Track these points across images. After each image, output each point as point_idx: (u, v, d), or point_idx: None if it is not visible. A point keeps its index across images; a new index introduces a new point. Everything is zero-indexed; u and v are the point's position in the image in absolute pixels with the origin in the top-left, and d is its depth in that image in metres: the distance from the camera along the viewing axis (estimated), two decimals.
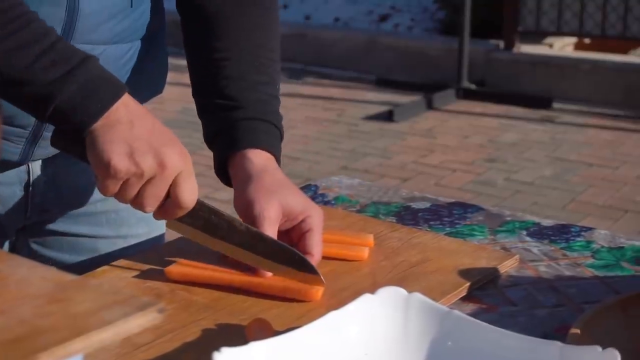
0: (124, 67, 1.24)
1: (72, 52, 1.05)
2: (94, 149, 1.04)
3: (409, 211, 1.41)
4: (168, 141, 1.05)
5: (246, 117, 1.19)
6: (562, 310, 1.09)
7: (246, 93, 1.21)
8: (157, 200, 1.06)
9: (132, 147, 1.02)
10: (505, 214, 1.40)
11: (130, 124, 1.03)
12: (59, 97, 1.02)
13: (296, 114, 5.68)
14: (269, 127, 1.21)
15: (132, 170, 1.03)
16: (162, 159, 1.03)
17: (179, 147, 1.06)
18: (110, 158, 1.02)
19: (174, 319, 1.04)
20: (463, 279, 1.14)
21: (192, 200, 1.08)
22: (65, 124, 1.05)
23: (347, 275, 1.15)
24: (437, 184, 4.41)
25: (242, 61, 1.23)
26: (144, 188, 1.05)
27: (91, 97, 1.03)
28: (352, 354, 0.91)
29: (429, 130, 5.34)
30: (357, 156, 4.85)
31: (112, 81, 1.06)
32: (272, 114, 1.23)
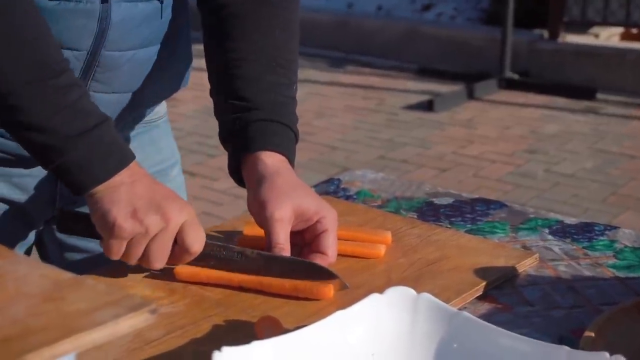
0: (151, 68, 1.25)
1: (92, 111, 1.07)
2: (97, 211, 1.06)
3: (431, 207, 1.39)
4: (169, 196, 1.08)
5: (260, 118, 1.19)
6: (579, 312, 1.07)
7: (261, 94, 1.20)
8: (164, 254, 1.08)
9: (135, 206, 1.05)
10: (528, 212, 1.38)
11: (132, 184, 1.06)
12: (70, 153, 1.05)
13: (335, 103, 5.67)
14: (283, 129, 1.20)
15: (137, 229, 1.05)
16: (165, 213, 1.05)
17: (179, 200, 1.09)
18: (115, 218, 1.05)
19: (185, 314, 1.04)
20: (479, 278, 1.13)
21: (200, 246, 1.09)
22: (67, 180, 1.07)
23: (363, 272, 1.15)
24: (476, 175, 4.37)
25: (259, 62, 1.22)
26: (149, 245, 1.07)
27: (99, 160, 1.06)
28: (359, 353, 0.90)
29: (469, 121, 5.29)
30: (396, 146, 4.82)
31: (122, 150, 1.08)
32: (288, 116, 1.22)
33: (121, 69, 1.21)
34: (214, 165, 4.50)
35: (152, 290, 1.10)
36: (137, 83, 1.25)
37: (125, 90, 1.25)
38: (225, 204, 4.02)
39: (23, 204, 1.29)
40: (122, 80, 1.23)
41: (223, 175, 4.29)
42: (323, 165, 4.51)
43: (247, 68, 1.21)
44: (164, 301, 1.07)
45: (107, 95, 1.23)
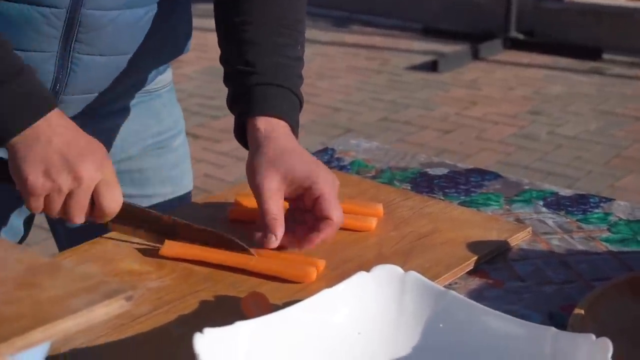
0: (141, 31, 1.22)
1: (7, 63, 1.05)
2: (12, 165, 1.06)
3: (425, 178, 1.38)
4: (85, 153, 1.06)
5: (260, 82, 1.17)
6: (570, 287, 1.06)
7: (263, 58, 1.18)
8: (81, 211, 1.08)
9: (48, 164, 1.04)
10: (523, 182, 1.37)
11: (49, 140, 1.04)
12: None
13: (339, 63, 5.64)
14: (283, 92, 1.18)
15: (48, 187, 1.05)
16: (77, 172, 1.04)
17: (97, 157, 1.07)
18: (27, 177, 1.04)
19: (173, 289, 1.04)
20: (471, 252, 1.12)
21: (114, 207, 1.09)
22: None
23: (353, 246, 1.14)
24: (479, 137, 4.35)
25: (264, 24, 1.20)
26: (66, 201, 1.06)
27: (14, 113, 1.04)
28: (345, 332, 0.89)
29: (473, 82, 5.26)
30: (399, 107, 4.80)
31: (39, 98, 1.06)
32: (290, 79, 1.20)
33: (105, 29, 1.18)
34: (216, 127, 4.48)
35: (140, 264, 1.09)
36: (128, 46, 1.22)
37: (114, 53, 1.21)
38: (227, 166, 4.01)
39: None
40: (107, 42, 1.19)
41: (225, 137, 4.28)
42: (325, 127, 4.49)
43: (253, 31, 1.19)
44: (152, 276, 1.07)
45: (95, 58, 1.19)
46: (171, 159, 1.41)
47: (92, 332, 0.94)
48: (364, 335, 0.90)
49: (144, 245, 1.13)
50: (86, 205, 1.07)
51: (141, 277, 1.06)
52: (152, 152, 1.38)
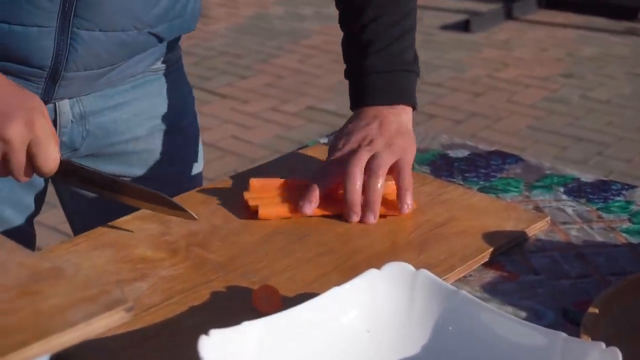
0: (142, 6, 1.20)
1: None
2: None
3: (445, 160, 1.37)
4: (13, 113, 1.04)
5: (371, 71, 1.25)
6: (585, 282, 1.05)
7: (376, 40, 1.26)
8: (20, 170, 1.08)
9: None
10: (544, 167, 1.35)
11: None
12: None
13: None
14: (393, 77, 1.26)
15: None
16: (3, 134, 1.04)
17: (25, 115, 1.05)
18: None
19: (185, 278, 1.04)
20: (487, 243, 1.10)
21: (49, 165, 1.08)
22: None
23: (366, 236, 1.13)
24: (509, 100, 4.30)
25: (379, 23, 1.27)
26: (5, 163, 1.06)
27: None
28: (355, 330, 0.89)
29: (506, 42, 5.19)
30: (430, 68, 4.75)
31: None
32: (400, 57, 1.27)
33: (104, 4, 1.15)
34: (244, 86, 4.47)
35: (154, 250, 1.09)
36: (128, 22, 1.20)
37: (115, 29, 1.19)
38: (255, 127, 4.00)
39: None
40: (107, 17, 1.17)
41: (254, 98, 4.27)
42: None
43: (368, 34, 1.26)
44: (165, 263, 1.07)
45: (94, 34, 1.17)
46: (180, 139, 1.40)
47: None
48: (373, 333, 0.89)
49: (164, 227, 1.13)
50: (23, 165, 1.07)
51: (154, 264, 1.06)
52: (160, 132, 1.37)
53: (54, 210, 1.60)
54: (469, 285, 1.04)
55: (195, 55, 4.91)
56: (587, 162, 3.62)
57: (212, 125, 3.96)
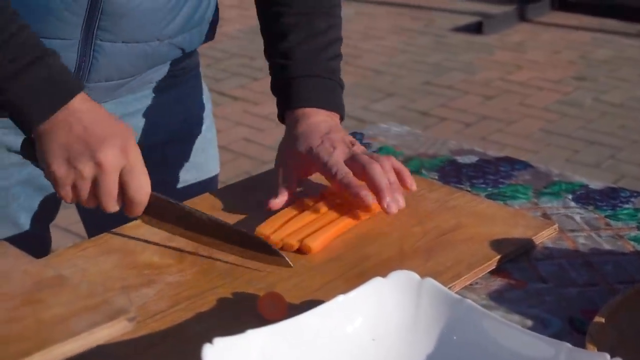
0: (164, 18, 1.22)
1: (27, 49, 1.03)
2: (38, 155, 1.05)
3: (454, 166, 1.36)
4: (107, 138, 1.03)
5: (294, 75, 1.24)
6: (593, 290, 1.04)
7: (296, 49, 1.24)
8: (109, 198, 1.05)
9: (70, 152, 1.03)
10: (553, 173, 1.35)
11: (69, 127, 1.03)
12: (5, 94, 1.02)
13: (383, 23, 5.58)
14: (317, 82, 1.24)
15: (72, 176, 1.03)
16: (97, 159, 1.03)
17: (119, 142, 1.04)
18: (50, 165, 1.03)
19: (192, 284, 1.04)
20: (494, 251, 1.10)
21: (140, 195, 1.06)
22: (13, 120, 1.06)
23: (374, 242, 1.13)
24: (522, 103, 4.29)
25: (296, 14, 1.26)
26: (94, 189, 1.05)
27: (36, 102, 1.03)
28: (360, 338, 0.89)
29: (519, 44, 5.18)
30: (442, 70, 4.75)
31: (60, 85, 1.04)
32: (323, 65, 1.25)
33: (128, 16, 1.17)
34: (257, 88, 4.47)
35: (161, 256, 1.09)
36: (150, 33, 1.21)
37: (137, 41, 1.21)
38: (267, 129, 4.00)
39: None
40: (130, 29, 1.19)
41: (266, 100, 4.27)
42: (367, 90, 4.46)
43: (284, 23, 1.25)
44: (172, 269, 1.07)
45: (117, 45, 1.19)
46: (197, 145, 1.41)
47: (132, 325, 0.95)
48: (379, 341, 0.89)
49: (166, 235, 1.13)
50: (114, 192, 1.05)
51: (161, 270, 1.06)
52: (177, 139, 1.38)
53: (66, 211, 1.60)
54: (476, 293, 1.04)
55: (208, 57, 4.91)
56: (600, 166, 3.61)
57: (224, 128, 3.96)
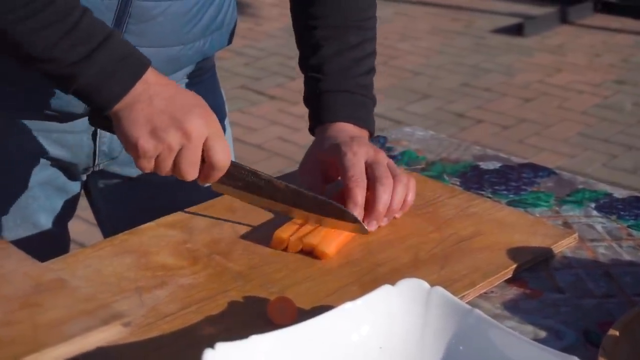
0: (188, 22, 1.23)
1: (94, 31, 1.03)
2: (119, 131, 1.04)
3: (476, 172, 1.35)
4: (190, 108, 1.04)
5: (325, 90, 1.25)
6: (610, 302, 1.02)
7: (328, 63, 1.26)
8: (193, 167, 1.06)
9: (154, 124, 1.03)
10: (577, 181, 1.32)
11: (150, 100, 1.03)
12: (79, 79, 1.02)
13: (422, 24, 5.55)
14: (347, 98, 1.25)
15: (159, 147, 1.03)
16: (185, 129, 1.03)
17: (201, 111, 1.05)
18: (137, 140, 1.03)
19: (204, 286, 1.04)
20: (511, 259, 1.09)
21: (224, 160, 1.07)
22: (88, 103, 1.06)
23: (389, 248, 1.12)
24: (560, 106, 4.24)
25: (329, 27, 1.27)
26: (177, 159, 1.05)
27: (110, 80, 1.02)
28: (367, 346, 0.88)
29: (559, 47, 5.12)
30: (480, 72, 4.71)
31: (133, 61, 1.04)
32: (355, 80, 1.26)
33: (154, 21, 1.19)
34: (294, 87, 4.46)
35: (175, 258, 1.09)
36: (174, 38, 1.23)
37: (162, 45, 1.22)
38: (302, 129, 3.98)
39: (64, 159, 1.29)
40: (156, 33, 1.20)
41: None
42: (403, 92, 4.44)
43: (318, 36, 1.26)
44: (185, 271, 1.07)
45: (142, 49, 1.20)
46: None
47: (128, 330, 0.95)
48: (386, 350, 0.88)
49: (188, 234, 1.13)
50: (198, 161, 1.06)
51: (174, 272, 1.06)
52: None
53: None
54: (490, 302, 1.03)
55: (246, 56, 4.93)
56: (637, 172, 3.55)
57: (260, 127, 3.97)
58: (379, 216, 1.13)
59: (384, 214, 1.13)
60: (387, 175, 1.14)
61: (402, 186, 1.14)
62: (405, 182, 1.15)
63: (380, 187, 1.13)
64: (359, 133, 1.23)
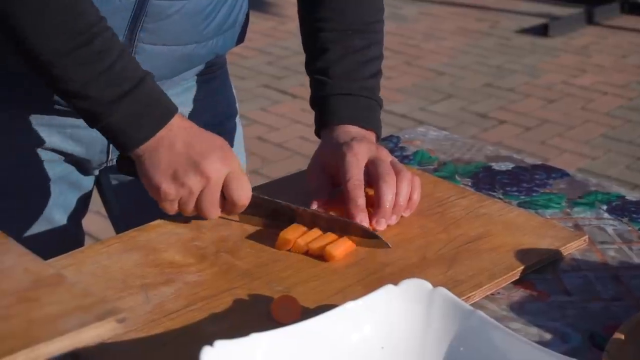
0: (204, 21, 1.24)
1: (129, 73, 1.07)
2: (142, 173, 1.09)
3: (488, 173, 1.34)
4: (209, 151, 1.08)
5: (331, 93, 1.25)
6: (618, 305, 1.02)
7: (334, 66, 1.25)
8: (214, 207, 1.10)
9: (175, 168, 1.07)
10: (590, 183, 1.31)
11: (171, 144, 1.07)
12: (109, 118, 1.06)
13: (446, 24, 5.53)
14: (353, 100, 1.25)
15: (181, 192, 1.08)
16: (204, 172, 1.07)
17: (219, 152, 1.09)
18: (159, 184, 1.08)
19: (210, 284, 1.04)
20: (518, 261, 1.08)
21: (244, 197, 1.11)
22: (112, 142, 1.11)
23: (397, 248, 1.11)
24: (584, 107, 4.21)
25: (336, 29, 1.27)
26: (199, 200, 1.09)
27: (138, 123, 1.07)
28: (368, 346, 0.88)
29: (585, 48, 5.09)
30: (504, 73, 4.68)
31: (161, 106, 1.09)
32: (361, 83, 1.26)
33: (170, 19, 1.20)
34: None
35: (183, 255, 1.10)
36: (189, 36, 1.24)
37: (176, 43, 1.23)
38: None
39: (77, 155, 1.30)
40: (171, 31, 1.21)
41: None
42: (426, 91, 4.42)
43: (324, 38, 1.26)
44: (192, 269, 1.07)
45: (157, 47, 1.21)
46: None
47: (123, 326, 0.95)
48: (387, 350, 0.88)
49: (196, 231, 1.14)
50: (217, 200, 1.10)
51: (181, 269, 1.07)
52: None
53: None
54: (496, 303, 1.02)
55: (270, 55, 4.93)
56: None
57: (281, 126, 3.97)
58: (386, 214, 1.13)
59: (391, 211, 1.13)
60: (389, 172, 1.14)
61: (407, 182, 1.14)
62: (409, 179, 1.15)
63: (383, 184, 1.13)
64: (364, 134, 1.22)
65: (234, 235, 1.14)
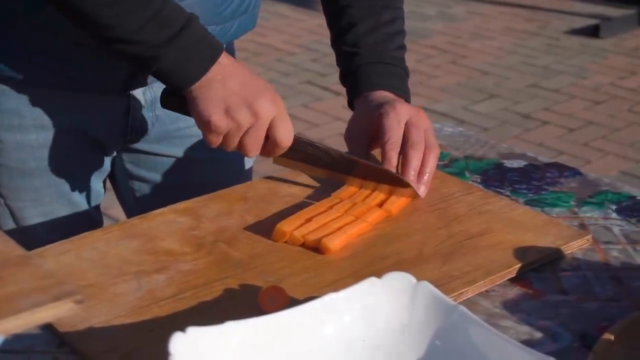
0: (223, 3, 1.26)
1: (176, 15, 1.10)
2: (194, 109, 1.12)
3: (499, 170, 1.33)
4: (259, 91, 1.13)
5: (363, 62, 1.30)
6: (613, 306, 1.00)
7: (364, 38, 1.31)
8: (257, 145, 1.15)
9: (228, 104, 1.11)
10: (602, 183, 1.29)
11: (224, 81, 1.11)
12: (161, 61, 1.10)
13: (495, 24, 5.48)
14: (385, 68, 1.30)
15: (230, 125, 1.12)
16: (255, 110, 1.11)
17: (270, 94, 1.14)
18: (210, 116, 1.11)
19: (203, 273, 1.04)
20: (516, 259, 1.07)
21: (288, 139, 1.16)
22: (166, 83, 1.14)
23: (395, 242, 1.11)
24: (630, 110, 4.14)
25: (362, 6, 1.33)
26: (243, 137, 1.13)
27: (190, 61, 1.10)
28: (350, 338, 0.87)
29: (635, 50, 5.00)
30: (550, 74, 4.63)
31: (210, 44, 1.12)
32: (391, 53, 1.32)
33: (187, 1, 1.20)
34: None
35: (180, 244, 1.10)
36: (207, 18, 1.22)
37: None
38: None
39: (97, 135, 1.32)
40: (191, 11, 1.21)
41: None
42: (470, 91, 4.39)
43: (351, 14, 1.32)
44: (187, 257, 1.07)
45: None
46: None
47: (111, 312, 0.96)
48: (369, 342, 0.87)
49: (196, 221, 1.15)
50: (262, 140, 1.15)
51: (177, 258, 1.07)
52: None
53: None
54: (490, 300, 1.01)
55: (315, 52, 4.93)
56: None
57: (322, 122, 3.97)
58: (410, 180, 1.19)
59: (415, 179, 1.19)
60: (420, 141, 1.20)
61: (433, 156, 1.20)
62: (436, 154, 1.21)
63: (411, 151, 1.19)
64: (399, 99, 1.27)
65: (233, 225, 1.14)
